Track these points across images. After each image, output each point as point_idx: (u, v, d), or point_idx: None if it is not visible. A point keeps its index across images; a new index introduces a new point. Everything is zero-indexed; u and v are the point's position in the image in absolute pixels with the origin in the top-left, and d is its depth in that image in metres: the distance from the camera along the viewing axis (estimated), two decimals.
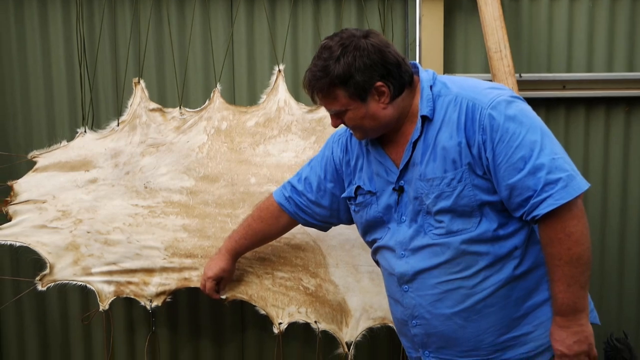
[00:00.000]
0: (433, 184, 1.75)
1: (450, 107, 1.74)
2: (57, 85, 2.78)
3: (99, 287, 2.48)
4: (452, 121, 1.73)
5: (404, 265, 1.85)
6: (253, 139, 2.58)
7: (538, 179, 1.63)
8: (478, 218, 1.74)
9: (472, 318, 1.79)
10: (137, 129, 2.55)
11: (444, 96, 1.77)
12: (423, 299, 1.83)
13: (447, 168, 1.74)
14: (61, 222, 2.49)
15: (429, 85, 1.79)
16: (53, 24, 2.75)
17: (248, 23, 2.82)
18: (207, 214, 2.53)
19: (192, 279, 2.51)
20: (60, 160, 2.52)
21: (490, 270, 1.76)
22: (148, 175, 2.55)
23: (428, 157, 1.77)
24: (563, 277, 1.67)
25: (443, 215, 1.76)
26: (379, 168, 1.91)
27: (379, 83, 1.74)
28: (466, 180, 1.72)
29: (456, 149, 1.72)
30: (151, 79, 2.77)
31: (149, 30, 2.74)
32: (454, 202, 1.73)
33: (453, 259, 1.77)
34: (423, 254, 1.81)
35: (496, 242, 1.75)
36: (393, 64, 1.75)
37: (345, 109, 1.78)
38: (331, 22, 2.84)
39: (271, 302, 2.52)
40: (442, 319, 1.82)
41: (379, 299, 2.53)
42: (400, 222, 1.87)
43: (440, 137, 1.75)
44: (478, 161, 1.71)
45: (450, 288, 1.79)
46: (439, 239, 1.78)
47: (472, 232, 1.74)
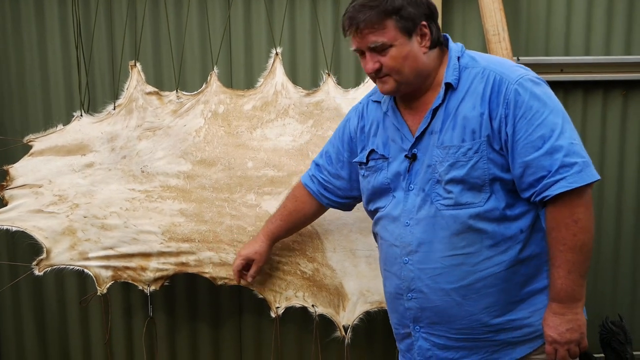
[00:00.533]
0: (449, 152, 1.75)
1: (476, 79, 1.74)
2: (53, 68, 2.76)
3: (97, 272, 2.49)
4: (477, 92, 1.73)
5: (409, 236, 1.83)
6: (250, 122, 2.58)
7: (555, 159, 1.63)
8: (487, 194, 1.73)
9: (471, 296, 1.78)
10: (134, 112, 2.54)
11: (471, 68, 1.77)
12: (423, 273, 1.82)
13: (465, 138, 1.73)
14: (57, 206, 2.49)
15: (456, 57, 1.80)
16: (48, 6, 2.73)
17: (245, 5, 2.80)
18: (204, 199, 2.53)
19: (190, 264, 2.52)
20: (57, 144, 2.52)
21: (494, 250, 1.76)
22: (145, 160, 2.54)
23: (447, 125, 1.76)
24: (565, 263, 1.67)
25: (453, 186, 1.75)
26: (394, 134, 1.90)
27: (424, 22, 1.75)
28: (483, 152, 1.72)
29: (477, 119, 1.72)
30: (148, 61, 2.76)
31: (146, 13, 2.72)
32: (466, 173, 1.73)
33: (458, 233, 1.76)
34: (428, 225, 1.79)
35: (502, 222, 1.75)
36: (434, 11, 1.79)
37: (391, 43, 1.74)
38: (329, 4, 2.83)
39: (269, 286, 2.54)
40: (440, 293, 1.81)
41: (375, 283, 2.51)
42: (408, 191, 1.84)
43: (462, 106, 1.75)
44: (497, 135, 1.71)
45: (453, 263, 1.78)
46: (446, 210, 1.77)
47: (480, 207, 1.74)
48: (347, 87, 2.66)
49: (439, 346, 1.87)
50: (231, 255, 2.51)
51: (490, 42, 2.61)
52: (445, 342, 1.85)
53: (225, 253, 2.52)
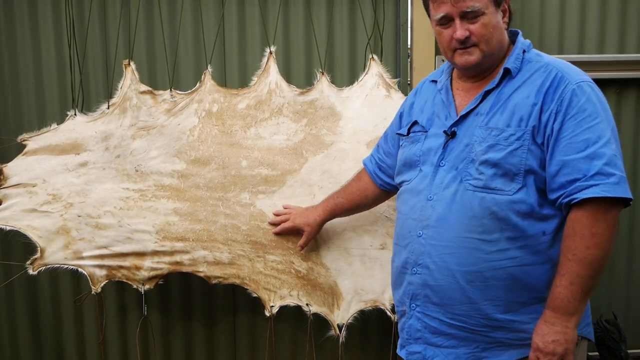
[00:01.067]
0: (491, 133, 1.74)
1: (538, 72, 1.75)
2: (47, 67, 2.75)
3: (91, 271, 2.49)
4: (535, 84, 1.73)
5: (429, 210, 1.81)
6: (244, 121, 2.58)
7: (593, 165, 1.61)
8: (519, 184, 1.71)
9: (476, 284, 1.75)
10: (128, 111, 2.54)
11: (535, 62, 1.78)
12: (433, 248, 1.79)
13: (511, 123, 1.72)
14: (52, 205, 2.49)
15: (522, 49, 1.81)
16: (41, 4, 2.72)
17: (239, 4, 2.80)
18: (199, 198, 2.54)
19: (184, 263, 2.51)
20: (51, 143, 2.51)
21: (512, 243, 1.73)
22: (139, 159, 2.54)
23: (497, 109, 1.76)
24: (569, 273, 1.64)
25: (487, 167, 1.72)
26: (440, 110, 1.90)
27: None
28: (524, 141, 1.70)
29: (528, 109, 1.71)
30: (142, 61, 2.76)
31: (139, 11, 2.72)
32: (503, 157, 1.71)
33: (480, 217, 1.73)
34: (452, 203, 1.77)
35: (527, 218, 1.72)
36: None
37: (484, 11, 1.74)
38: (322, 3, 2.82)
39: (263, 285, 2.54)
40: (446, 273, 1.78)
41: (370, 282, 2.55)
42: (438, 166, 1.83)
43: (516, 94, 1.75)
44: (542, 129, 1.69)
45: (466, 245, 1.75)
46: (474, 191, 1.74)
47: (508, 195, 1.71)
48: (341, 86, 2.68)
49: (431, 329, 1.84)
50: (225, 254, 2.51)
51: None
52: (437, 325, 1.83)
53: (220, 252, 2.52)
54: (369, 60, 2.68)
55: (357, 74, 2.77)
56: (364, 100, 2.63)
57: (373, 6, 2.79)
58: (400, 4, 2.85)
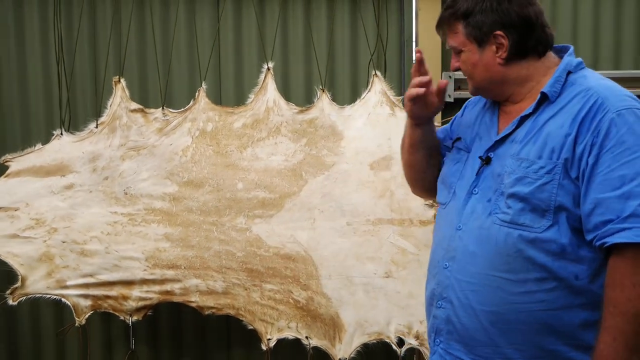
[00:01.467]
0: (521, 164, 1.64)
1: (577, 98, 1.63)
2: (33, 83, 2.77)
3: (75, 301, 2.49)
4: (571, 112, 1.61)
5: (457, 240, 1.73)
6: (240, 141, 2.56)
7: (628, 205, 1.50)
8: (549, 222, 1.60)
9: (499, 326, 1.66)
10: (117, 131, 2.53)
11: (577, 85, 1.66)
12: (457, 283, 1.72)
13: (542, 155, 1.61)
14: (34, 231, 2.49)
15: (566, 71, 1.69)
16: (28, 18, 2.74)
17: (235, 18, 2.81)
18: (191, 222, 2.53)
19: (175, 292, 2.51)
20: (35, 164, 2.51)
21: (540, 285, 1.62)
22: (128, 181, 2.53)
23: (529, 138, 1.66)
24: (611, 328, 1.52)
25: (515, 202, 1.63)
26: (484, 132, 1.82)
27: (499, 32, 1.66)
28: (556, 175, 1.59)
29: (561, 139, 1.59)
30: (132, 77, 2.76)
31: (131, 26, 2.73)
32: (531, 192, 1.61)
33: (504, 254, 1.64)
34: (477, 235, 1.69)
35: (558, 260, 1.61)
36: (524, 19, 1.67)
37: (461, 49, 1.71)
38: (323, 17, 2.82)
39: (259, 316, 2.53)
40: (468, 311, 1.70)
41: (374, 313, 2.52)
42: (471, 194, 1.75)
43: (551, 122, 1.64)
44: (577, 162, 1.58)
45: (489, 284, 1.66)
46: (500, 226, 1.65)
47: (537, 233, 1.61)
48: (343, 104, 2.65)
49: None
50: (219, 283, 2.50)
51: None
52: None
53: (213, 280, 2.51)
54: (372, 77, 2.64)
55: (359, 92, 2.77)
56: (366, 119, 2.60)
57: (376, 20, 2.78)
58: (404, 17, 2.85)
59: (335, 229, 2.53)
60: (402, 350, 2.52)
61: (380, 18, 2.77)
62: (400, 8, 2.84)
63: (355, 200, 2.55)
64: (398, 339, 2.52)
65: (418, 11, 2.76)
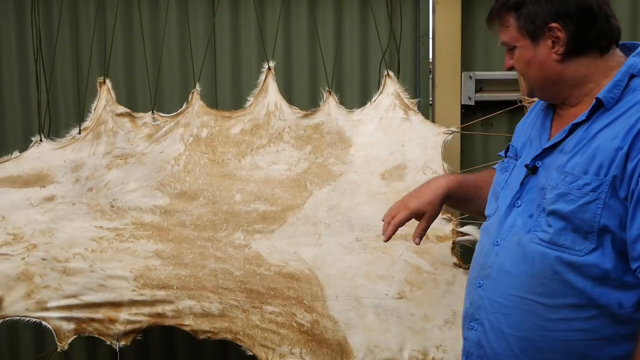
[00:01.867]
0: (565, 179, 1.58)
1: (635, 107, 1.55)
2: (8, 85, 2.74)
3: (57, 324, 2.45)
4: (627, 122, 1.53)
5: (493, 257, 1.72)
6: (238, 149, 2.51)
7: None
8: (592, 245, 1.54)
9: (532, 354, 1.63)
10: (102, 137, 2.48)
11: (638, 92, 1.59)
12: (490, 304, 1.71)
13: (588, 170, 1.55)
14: (12, 247, 2.44)
15: (629, 73, 1.61)
16: (2, 12, 2.71)
17: (232, 11, 2.78)
18: (184, 238, 2.48)
19: (167, 315, 2.46)
20: (12, 174, 2.47)
21: (577, 312, 1.57)
22: (115, 192, 2.48)
23: (578, 149, 1.60)
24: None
25: (555, 220, 1.58)
26: (535, 137, 1.78)
27: (554, 24, 1.59)
28: (602, 194, 1.52)
29: (611, 153, 1.52)
30: (119, 78, 2.72)
31: (116, 21, 2.68)
32: (573, 211, 1.55)
33: (540, 276, 1.61)
34: (515, 254, 1.66)
35: (600, 285, 1.55)
36: (584, 8, 1.59)
37: (513, 44, 1.68)
38: (329, 11, 2.78)
39: (259, 341, 2.49)
40: (499, 335, 1.69)
41: (385, 338, 2.48)
42: (513, 206, 1.71)
43: (604, 132, 1.56)
44: (627, 180, 1.50)
45: (522, 307, 1.64)
46: (538, 246, 1.61)
47: (578, 256, 1.56)
48: (351, 108, 2.59)
49: None
50: (215, 304, 2.46)
51: None
52: None
53: (209, 302, 2.47)
54: (384, 78, 2.58)
55: (370, 94, 2.70)
56: (377, 123, 2.55)
57: (389, 15, 2.74)
58: (420, 12, 2.81)
59: (343, 245, 2.48)
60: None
61: (394, 12, 2.73)
62: (416, 1, 2.81)
63: (365, 214, 2.49)
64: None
65: (435, 4, 2.73)
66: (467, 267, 2.31)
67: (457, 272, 2.48)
